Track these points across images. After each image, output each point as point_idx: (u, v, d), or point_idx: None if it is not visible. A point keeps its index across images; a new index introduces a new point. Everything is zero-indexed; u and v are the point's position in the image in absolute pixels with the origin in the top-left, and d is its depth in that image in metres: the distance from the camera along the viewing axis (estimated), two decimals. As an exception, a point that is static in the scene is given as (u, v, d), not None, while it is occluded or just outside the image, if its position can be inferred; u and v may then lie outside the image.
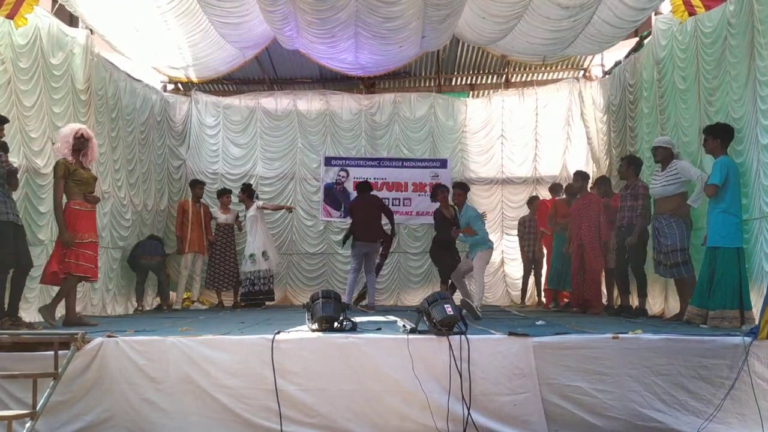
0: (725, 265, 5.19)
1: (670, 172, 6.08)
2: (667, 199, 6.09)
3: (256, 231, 8.84)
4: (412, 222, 10.31)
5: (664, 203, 6.13)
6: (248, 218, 8.93)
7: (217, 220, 9.09)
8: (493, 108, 10.55)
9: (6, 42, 6.02)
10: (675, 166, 6.07)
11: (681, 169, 6.01)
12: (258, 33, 8.33)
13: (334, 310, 4.65)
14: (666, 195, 6.09)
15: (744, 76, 5.55)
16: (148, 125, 9.13)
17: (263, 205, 9.11)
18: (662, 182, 6.13)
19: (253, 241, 8.80)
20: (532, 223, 9.33)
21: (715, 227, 5.34)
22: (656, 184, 6.21)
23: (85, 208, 5.75)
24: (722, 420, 4.08)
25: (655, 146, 6.33)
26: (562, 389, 4.23)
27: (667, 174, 6.11)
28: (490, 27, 8.15)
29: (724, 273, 5.17)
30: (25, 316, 5.64)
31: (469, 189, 7.65)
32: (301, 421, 4.19)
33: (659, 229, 6.11)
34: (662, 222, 6.09)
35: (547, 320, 6.06)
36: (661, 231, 6.07)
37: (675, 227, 5.99)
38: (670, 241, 5.96)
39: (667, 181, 6.08)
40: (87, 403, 4.31)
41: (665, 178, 6.11)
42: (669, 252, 5.97)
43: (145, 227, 8.89)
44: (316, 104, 10.61)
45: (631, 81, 8.18)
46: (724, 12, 5.86)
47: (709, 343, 4.24)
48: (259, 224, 8.88)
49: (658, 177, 6.22)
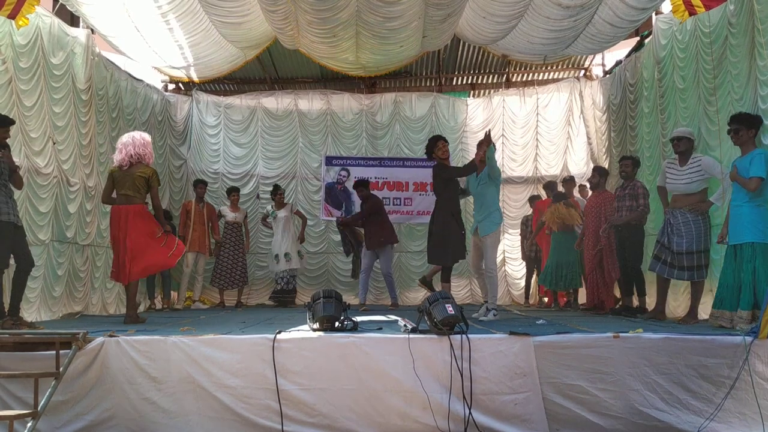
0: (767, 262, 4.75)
1: (693, 168, 5.67)
2: (688, 196, 5.72)
3: (288, 231, 9.03)
4: (413, 221, 10.32)
5: (683, 200, 5.74)
6: (280, 218, 9.04)
7: (226, 218, 9.09)
8: (493, 108, 10.56)
9: (7, 42, 6.03)
10: (699, 161, 5.68)
11: (706, 165, 5.62)
12: (259, 33, 8.34)
13: (335, 309, 4.65)
14: (690, 192, 5.69)
15: (744, 75, 5.55)
16: (149, 125, 9.14)
17: (298, 211, 9.43)
18: (686, 179, 5.70)
19: (284, 240, 8.99)
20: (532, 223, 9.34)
21: (751, 222, 4.85)
22: (678, 180, 5.76)
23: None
24: (723, 419, 4.07)
25: (679, 136, 5.81)
26: (563, 388, 4.22)
27: (690, 169, 5.69)
28: (491, 27, 8.16)
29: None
30: (26, 316, 5.65)
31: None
32: (302, 421, 4.19)
33: (674, 224, 5.69)
34: (678, 218, 5.67)
35: (547, 319, 6.06)
36: (676, 228, 5.66)
37: (693, 226, 5.61)
38: (686, 241, 5.60)
39: (692, 178, 5.67)
40: (88, 403, 4.31)
41: (689, 174, 5.68)
42: (684, 253, 5.61)
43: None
44: (317, 104, 10.62)
45: (631, 80, 8.18)
46: (725, 12, 5.86)
47: (710, 343, 4.23)
48: (290, 225, 9.09)
49: (679, 172, 5.77)
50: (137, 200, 5.76)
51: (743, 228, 4.91)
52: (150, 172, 5.86)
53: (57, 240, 6.83)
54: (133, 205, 5.73)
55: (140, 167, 5.85)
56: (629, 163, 6.87)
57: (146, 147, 5.90)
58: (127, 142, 5.88)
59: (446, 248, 6.34)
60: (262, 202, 10.36)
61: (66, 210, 7.00)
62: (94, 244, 7.57)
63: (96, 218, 7.62)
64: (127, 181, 5.77)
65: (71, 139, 7.09)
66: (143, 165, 5.88)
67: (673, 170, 5.86)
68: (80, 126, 7.27)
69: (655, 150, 7.44)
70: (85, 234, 7.38)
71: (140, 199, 5.79)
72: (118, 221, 5.72)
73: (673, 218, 5.74)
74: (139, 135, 6.02)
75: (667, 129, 6.99)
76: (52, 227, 6.73)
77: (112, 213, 5.85)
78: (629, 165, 6.84)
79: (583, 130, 10.13)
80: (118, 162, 5.87)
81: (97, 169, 7.65)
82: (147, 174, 5.82)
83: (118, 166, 5.85)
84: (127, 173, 5.80)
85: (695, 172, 5.68)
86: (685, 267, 5.67)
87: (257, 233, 10.29)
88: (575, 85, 10.28)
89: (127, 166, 5.82)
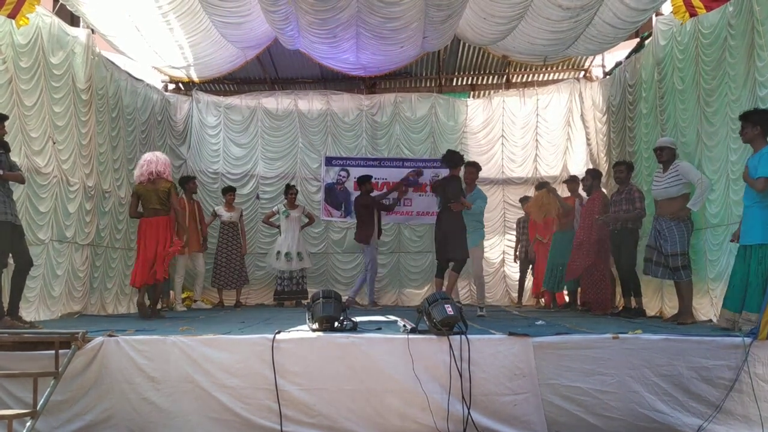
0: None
1: (671, 174, 5.99)
2: (669, 201, 5.99)
3: (297, 231, 9.13)
4: (413, 222, 10.30)
5: (666, 206, 6.02)
6: (293, 218, 9.11)
7: (222, 218, 9.05)
8: (493, 108, 10.56)
9: (7, 41, 6.04)
10: (677, 167, 5.98)
11: (682, 170, 5.92)
12: (259, 33, 8.34)
13: (335, 309, 4.65)
14: (669, 197, 5.98)
15: (742, 76, 5.55)
16: (148, 125, 9.14)
17: (309, 213, 9.50)
18: (665, 184, 6.02)
19: (294, 240, 9.09)
20: (526, 224, 9.35)
21: (762, 223, 4.71)
22: (659, 185, 6.11)
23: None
24: (722, 421, 4.07)
25: (660, 147, 6.17)
26: (562, 389, 4.22)
27: (669, 175, 6.01)
28: (491, 28, 8.16)
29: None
30: (25, 316, 5.65)
31: (481, 168, 7.55)
32: (302, 421, 4.19)
33: (660, 231, 6.00)
34: (663, 225, 5.99)
35: (546, 320, 6.06)
36: (662, 234, 5.96)
37: (676, 231, 5.88)
38: (670, 244, 5.87)
39: (670, 183, 5.98)
40: (87, 403, 4.31)
41: (668, 180, 6.00)
42: (670, 255, 5.88)
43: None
44: (317, 104, 10.62)
45: (631, 82, 8.18)
46: (724, 13, 5.86)
47: (710, 344, 4.23)
48: (298, 225, 9.18)
49: (661, 178, 6.11)
50: (164, 213, 6.44)
51: (754, 229, 4.76)
52: (170, 185, 6.52)
53: (56, 240, 6.83)
54: (163, 217, 6.42)
55: (161, 182, 6.46)
56: (623, 168, 6.95)
57: (166, 165, 6.57)
58: (150, 159, 6.50)
59: (464, 241, 6.88)
60: (262, 203, 10.36)
61: (65, 210, 7.00)
62: (93, 243, 7.57)
63: (95, 218, 7.61)
64: (153, 196, 6.40)
65: (71, 139, 7.09)
66: (163, 180, 6.48)
67: (657, 177, 6.18)
68: (80, 126, 7.27)
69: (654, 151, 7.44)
70: (84, 234, 7.37)
71: (166, 211, 6.45)
72: (152, 231, 6.36)
73: (659, 225, 6.04)
74: (160, 154, 6.74)
75: (667, 130, 7.00)
76: (51, 227, 6.72)
77: (143, 224, 6.45)
78: (623, 170, 6.92)
79: (583, 131, 10.13)
80: (139, 177, 6.47)
81: (96, 169, 7.65)
82: (168, 188, 6.47)
83: (141, 182, 6.44)
84: (151, 189, 6.42)
85: (674, 177, 5.95)
86: (670, 267, 5.91)
87: (257, 233, 10.29)
88: (575, 86, 10.28)
89: (148, 182, 6.42)
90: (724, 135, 5.92)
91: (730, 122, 5.75)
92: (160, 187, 6.43)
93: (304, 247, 9.32)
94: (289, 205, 9.17)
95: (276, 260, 9.11)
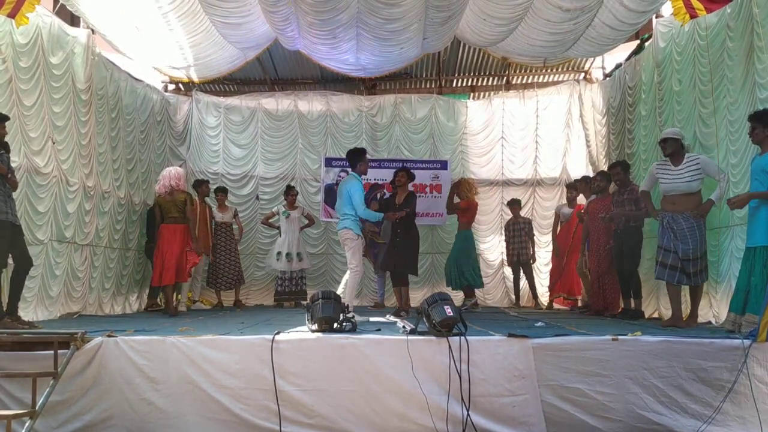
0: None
1: (690, 167, 5.55)
2: (686, 196, 5.56)
3: (295, 231, 9.17)
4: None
5: (682, 201, 5.56)
6: (293, 218, 9.15)
7: (215, 219, 9.05)
8: (493, 110, 10.56)
9: (7, 41, 6.03)
10: (696, 160, 5.57)
11: (704, 164, 5.52)
12: (259, 34, 8.34)
13: (334, 310, 4.65)
14: (690, 191, 5.54)
15: (740, 78, 5.55)
16: (148, 125, 9.13)
17: (309, 214, 9.55)
18: (686, 177, 5.56)
19: (294, 240, 9.14)
20: (516, 226, 9.34)
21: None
22: (674, 179, 5.63)
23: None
24: (721, 422, 4.07)
25: (664, 138, 5.75)
26: (561, 391, 4.22)
27: (688, 168, 5.57)
28: (491, 29, 8.16)
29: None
30: (23, 316, 5.64)
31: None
32: (301, 422, 4.19)
33: (676, 230, 5.51)
34: (681, 223, 5.49)
35: (545, 321, 6.06)
36: (680, 234, 5.49)
37: (697, 231, 5.47)
38: (691, 247, 5.45)
39: (691, 177, 5.54)
40: (86, 403, 4.31)
41: (688, 173, 5.56)
42: (690, 260, 5.46)
43: (145, 227, 8.88)
44: (317, 105, 10.61)
45: (630, 83, 8.18)
46: (723, 14, 5.86)
47: (709, 346, 4.23)
48: (298, 226, 9.24)
49: (674, 172, 5.64)
50: (182, 221, 7.21)
51: (760, 231, 4.70)
52: (186, 196, 7.30)
53: (56, 240, 6.82)
54: (181, 225, 7.20)
55: (179, 194, 7.23)
56: (619, 170, 6.87)
57: (179, 178, 7.31)
58: (167, 175, 7.31)
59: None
60: (261, 203, 10.36)
61: (65, 210, 6.99)
62: (92, 244, 7.56)
63: (95, 218, 7.61)
64: (172, 206, 7.19)
65: (71, 139, 7.08)
66: (180, 191, 7.23)
67: (668, 171, 5.71)
68: (80, 126, 7.26)
69: (652, 153, 7.39)
70: (83, 234, 7.37)
71: (183, 219, 7.21)
72: (171, 236, 7.14)
73: (676, 224, 5.53)
74: (174, 169, 7.49)
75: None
76: (50, 227, 6.72)
77: (163, 230, 7.17)
78: (619, 171, 6.85)
79: (583, 133, 10.14)
80: (159, 191, 7.27)
81: (96, 169, 7.65)
82: (184, 198, 7.27)
83: (160, 194, 7.23)
84: (170, 201, 7.18)
85: (694, 171, 5.55)
86: (690, 273, 5.53)
87: (257, 233, 10.29)
88: (575, 88, 10.28)
89: (167, 194, 7.18)
90: (723, 137, 5.91)
91: (728, 124, 5.75)
92: (177, 198, 7.19)
93: (304, 248, 9.35)
94: (289, 206, 9.18)
95: (276, 261, 9.11)
